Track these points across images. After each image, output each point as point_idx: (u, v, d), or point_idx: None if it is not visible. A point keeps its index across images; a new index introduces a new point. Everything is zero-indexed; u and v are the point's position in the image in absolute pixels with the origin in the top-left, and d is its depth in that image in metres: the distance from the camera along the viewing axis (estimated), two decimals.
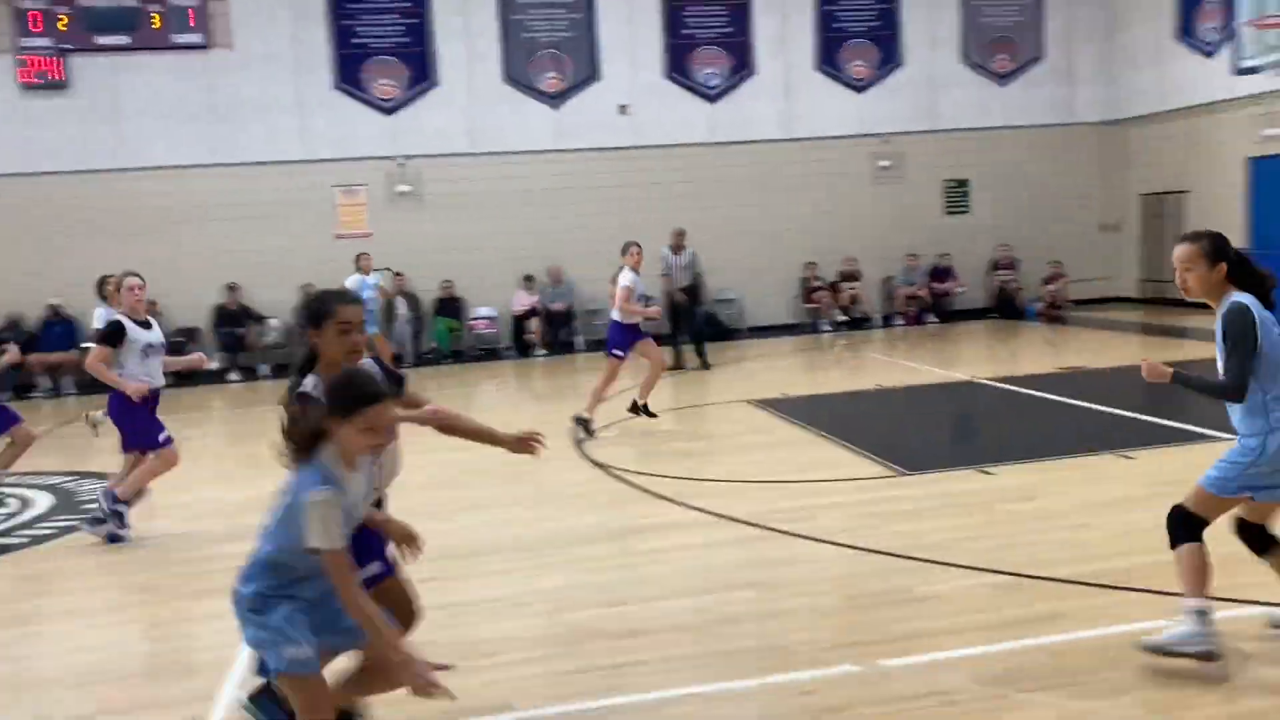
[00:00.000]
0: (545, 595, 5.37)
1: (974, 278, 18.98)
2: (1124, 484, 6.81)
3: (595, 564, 5.90)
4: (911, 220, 18.84)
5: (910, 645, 4.44)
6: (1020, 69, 19.21)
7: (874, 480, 7.39)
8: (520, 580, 5.66)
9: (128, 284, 6.98)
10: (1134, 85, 18.88)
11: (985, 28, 19.02)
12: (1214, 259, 4.09)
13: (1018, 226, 19.07)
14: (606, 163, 17.75)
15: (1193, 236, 4.19)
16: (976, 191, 19.19)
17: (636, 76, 17.96)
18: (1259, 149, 16.22)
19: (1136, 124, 18.97)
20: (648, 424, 9.77)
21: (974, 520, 6.25)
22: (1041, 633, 4.46)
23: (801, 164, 18.34)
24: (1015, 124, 19.12)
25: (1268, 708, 3.74)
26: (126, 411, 6.87)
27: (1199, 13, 17.17)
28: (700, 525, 6.51)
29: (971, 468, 7.49)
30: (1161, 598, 4.62)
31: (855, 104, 18.66)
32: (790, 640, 4.60)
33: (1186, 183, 17.88)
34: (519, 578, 5.71)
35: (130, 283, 6.98)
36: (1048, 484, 6.98)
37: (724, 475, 7.81)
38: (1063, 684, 3.98)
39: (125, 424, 6.97)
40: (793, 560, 5.74)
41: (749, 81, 18.33)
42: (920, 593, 5.09)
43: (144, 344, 6.88)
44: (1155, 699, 3.83)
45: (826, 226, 18.45)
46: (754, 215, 17.80)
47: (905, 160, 18.81)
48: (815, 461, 8.07)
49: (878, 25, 18.65)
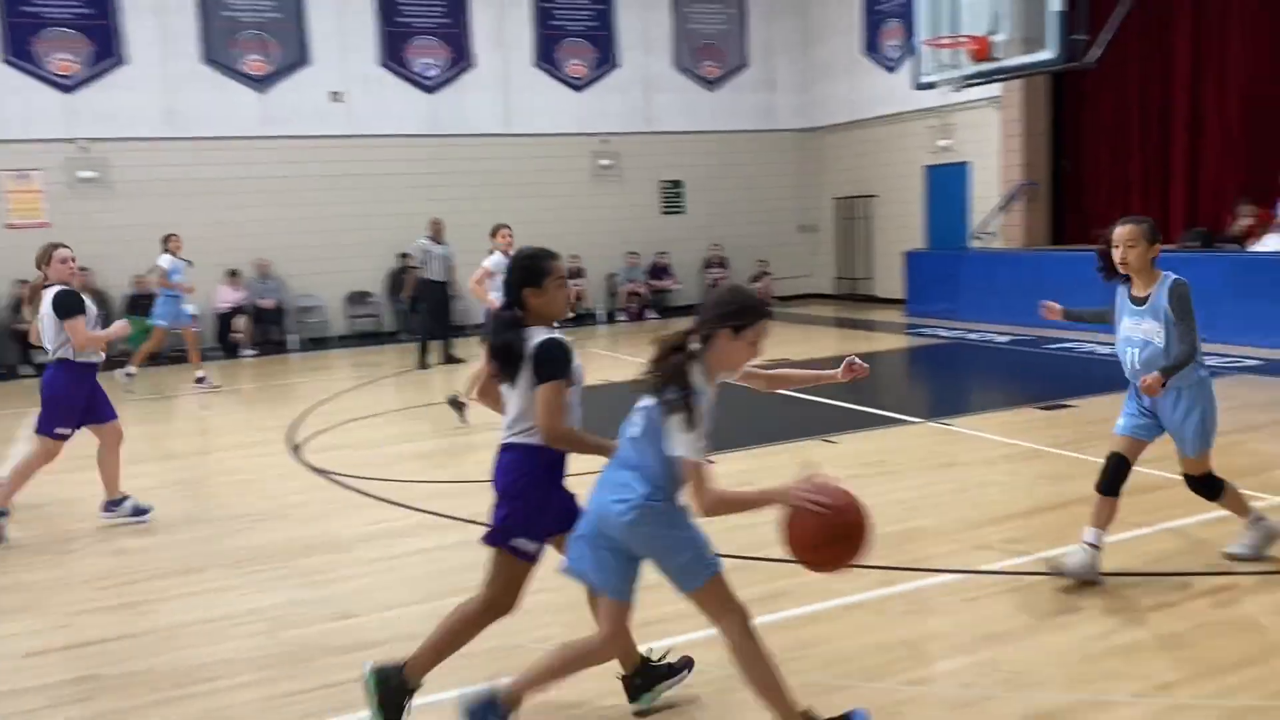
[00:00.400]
0: (266, 613, 5.04)
1: (690, 275, 19.80)
2: (830, 466, 7.29)
3: (320, 576, 5.60)
4: (631, 219, 19.37)
5: (643, 633, 4.49)
6: (727, 75, 20.20)
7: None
8: (239, 598, 5.28)
9: (59, 255, 6.55)
10: (827, 95, 20.38)
11: (694, 34, 19.86)
12: (1151, 240, 4.71)
13: (728, 226, 20.08)
14: (319, 151, 17.00)
15: (1136, 220, 4.81)
16: (691, 192, 20.01)
17: (349, 63, 17.29)
18: (935, 158, 17.99)
19: (830, 132, 20.48)
20: (370, 426, 9.43)
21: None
22: (762, 612, 4.66)
23: (523, 160, 18.38)
24: (723, 128, 20.11)
25: (959, 667, 4.12)
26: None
27: (883, 31, 18.79)
28: (431, 529, 6.35)
29: None
30: (868, 571, 4.98)
31: (574, 102, 18.93)
32: (529, 638, 4.56)
33: (875, 188, 19.52)
34: (237, 596, 5.33)
35: (62, 254, 6.54)
36: (763, 470, 7.36)
37: (455, 476, 7.66)
38: (781, 661, 4.20)
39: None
40: None
41: (468, 74, 18.13)
42: (652, 580, 5.19)
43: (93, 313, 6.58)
44: (871, 666, 4.12)
45: (549, 223, 18.55)
46: (476, 210, 17.61)
47: (624, 160, 19.30)
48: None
49: (594, 25, 19.00)
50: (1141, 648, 4.13)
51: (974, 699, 3.79)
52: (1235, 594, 4.63)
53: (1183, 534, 5.47)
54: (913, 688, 3.91)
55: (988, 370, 12.25)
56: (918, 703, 3.79)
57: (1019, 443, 7.76)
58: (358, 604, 5.13)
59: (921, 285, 16.83)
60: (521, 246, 3.88)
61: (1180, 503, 5.94)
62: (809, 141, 20.89)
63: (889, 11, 18.58)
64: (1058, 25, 10.87)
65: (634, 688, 3.90)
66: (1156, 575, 4.89)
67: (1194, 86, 14.71)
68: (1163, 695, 3.73)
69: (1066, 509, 5.93)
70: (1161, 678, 3.86)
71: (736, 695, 3.66)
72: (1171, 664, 3.97)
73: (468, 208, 17.22)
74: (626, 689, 3.91)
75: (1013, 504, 6.22)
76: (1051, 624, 4.41)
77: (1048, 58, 11.12)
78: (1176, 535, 5.46)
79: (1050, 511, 5.99)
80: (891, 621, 4.54)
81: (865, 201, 19.79)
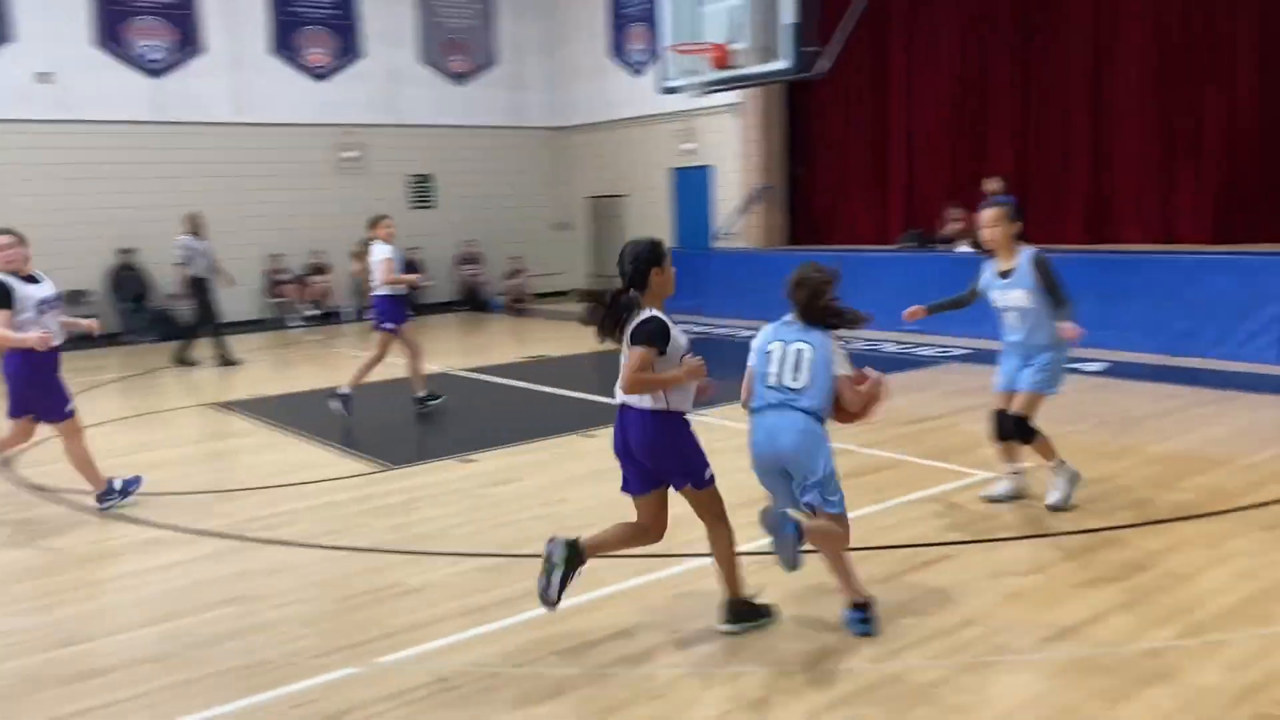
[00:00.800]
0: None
1: (443, 271, 19.51)
2: (591, 460, 7.43)
3: (44, 601, 5.11)
4: (379, 213, 18.78)
5: (408, 638, 4.44)
6: (476, 71, 20.05)
7: (359, 478, 7.28)
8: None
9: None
10: (576, 96, 20.65)
11: (441, 28, 19.56)
12: (1013, 219, 5.64)
13: (481, 223, 19.94)
14: (24, 137, 15.44)
15: (998, 203, 5.77)
16: (442, 187, 19.71)
17: (59, 42, 15.79)
18: (680, 160, 18.63)
19: (580, 131, 20.77)
20: (98, 435, 8.65)
21: (460, 508, 6.42)
22: (528, 608, 4.70)
23: (261, 150, 17.48)
24: (474, 124, 19.94)
25: (719, 648, 4.31)
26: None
27: (628, 35, 19.25)
28: (169, 543, 5.93)
29: (453, 457, 7.70)
30: (630, 560, 5.12)
31: (316, 92, 18.18)
32: (280, 653, 4.37)
33: (625, 188, 19.98)
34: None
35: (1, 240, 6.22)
36: (525, 466, 7.39)
37: (194, 487, 7.19)
38: (548, 653, 4.25)
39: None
40: (277, 569, 5.45)
41: (198, 59, 17.01)
42: (414, 584, 5.11)
43: (37, 300, 6.32)
44: (629, 653, 4.23)
45: (291, 217, 17.80)
46: (210, 202, 16.52)
47: (370, 152, 18.75)
48: (295, 464, 7.74)
49: (336, 14, 18.32)
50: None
51: (726, 677, 3.97)
52: (953, 564, 5.10)
53: (900, 510, 5.96)
54: (669, 670, 4.04)
55: (731, 362, 12.75)
56: (676, 685, 3.93)
57: None
58: (86, 629, 4.73)
59: None
60: (634, 237, 4.48)
61: (902, 482, 6.49)
62: (560, 140, 21.09)
63: (634, 16, 19.05)
64: (791, 37, 11.50)
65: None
66: (884, 549, 5.31)
67: (909, 97, 16.04)
68: (894, 659, 4.05)
69: None
70: (894, 643, 4.20)
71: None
72: (902, 629, 4.32)
73: (201, 200, 16.17)
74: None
75: (758, 488, 6.54)
76: (796, 599, 4.68)
77: (782, 67, 11.73)
78: (895, 512, 5.94)
79: None
80: (653, 607, 4.67)
81: (616, 201, 20.21)
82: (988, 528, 5.56)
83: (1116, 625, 4.27)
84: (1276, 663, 3.89)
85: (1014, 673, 3.90)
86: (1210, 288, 10.49)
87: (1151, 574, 4.81)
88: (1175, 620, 4.29)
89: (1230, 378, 9.62)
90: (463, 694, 3.92)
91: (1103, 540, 5.30)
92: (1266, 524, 5.48)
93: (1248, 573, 4.79)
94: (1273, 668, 3.84)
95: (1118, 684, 3.76)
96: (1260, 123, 12.41)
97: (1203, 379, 9.55)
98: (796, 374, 4.34)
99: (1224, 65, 12.58)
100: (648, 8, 18.00)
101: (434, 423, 9.33)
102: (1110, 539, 5.32)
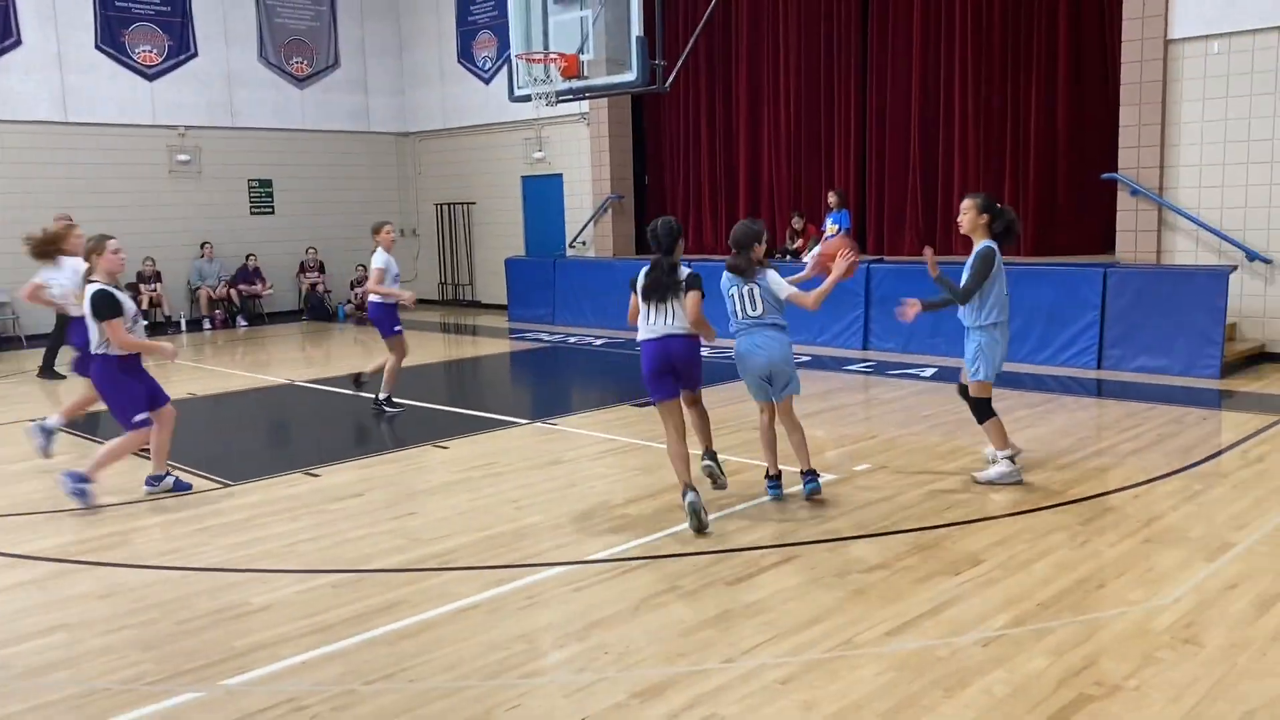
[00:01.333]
0: None
1: (285, 279, 18.87)
2: (441, 471, 7.34)
3: None
4: (214, 218, 18.09)
5: (253, 659, 4.28)
6: (318, 74, 19.49)
7: (198, 495, 6.97)
8: None
9: (110, 246, 6.59)
10: (423, 101, 20.35)
11: (281, 29, 18.94)
12: (981, 210, 6.36)
13: (324, 229, 19.38)
14: None
15: (974, 195, 6.45)
16: (282, 192, 19.07)
17: None
18: (531, 169, 18.59)
19: (428, 137, 20.47)
20: None
21: (306, 523, 6.23)
22: (380, 624, 4.61)
23: (87, 152, 16.52)
24: (316, 128, 19.39)
25: (572, 655, 4.33)
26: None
27: (476, 41, 19.10)
28: None
29: (298, 471, 7.46)
30: (482, 572, 5.08)
31: (146, 91, 17.29)
32: (117, 679, 4.14)
33: (474, 195, 19.79)
34: None
35: (111, 245, 6.58)
36: (373, 479, 7.23)
37: (7, 509, 6.73)
38: (402, 669, 4.17)
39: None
40: (110, 592, 5.17)
41: (14, 53, 15.94)
42: (258, 603, 4.93)
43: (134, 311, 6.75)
44: (489, 664, 4.20)
45: (120, 222, 16.77)
46: (34, 205, 15.49)
47: (205, 156, 17.97)
48: (127, 483, 7.33)
49: (166, 10, 17.48)
50: (730, 618, 4.57)
51: (586, 683, 3.99)
52: (801, 563, 5.27)
53: (750, 514, 6.12)
54: (529, 681, 4.04)
55: (586, 371, 12.88)
56: (535, 694, 3.92)
57: (617, 438, 8.25)
58: None
59: (522, 291, 17.32)
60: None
61: (750, 484, 6.66)
62: (406, 146, 20.73)
63: (482, 23, 18.91)
64: (639, 50, 11.65)
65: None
66: (733, 551, 5.44)
67: (752, 110, 16.47)
68: (748, 658, 4.16)
69: (660, 496, 6.43)
70: (747, 643, 4.31)
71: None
72: (755, 629, 4.45)
73: (19, 202, 15.20)
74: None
75: (614, 495, 6.61)
76: (652, 604, 4.75)
77: (630, 79, 11.87)
78: (746, 515, 6.10)
79: (647, 499, 6.44)
80: (506, 619, 4.65)
81: (466, 208, 19.99)
82: (834, 528, 5.78)
83: (953, 617, 4.51)
84: (1095, 647, 4.18)
85: (860, 666, 4.06)
86: (1032, 297, 11.17)
87: (983, 567, 5.10)
88: (1006, 610, 4.56)
89: (1051, 382, 10.28)
90: (314, 713, 3.81)
91: (939, 536, 5.58)
92: (1084, 518, 5.88)
93: (1067, 564, 5.13)
94: (1091, 651, 4.13)
95: (954, 672, 3.97)
96: (1069, 151, 13.21)
97: (1026, 383, 10.16)
98: (754, 307, 6.05)
99: (1042, 97, 13.32)
100: (497, 15, 17.92)
101: (278, 437, 9.02)
102: (945, 535, 5.61)
